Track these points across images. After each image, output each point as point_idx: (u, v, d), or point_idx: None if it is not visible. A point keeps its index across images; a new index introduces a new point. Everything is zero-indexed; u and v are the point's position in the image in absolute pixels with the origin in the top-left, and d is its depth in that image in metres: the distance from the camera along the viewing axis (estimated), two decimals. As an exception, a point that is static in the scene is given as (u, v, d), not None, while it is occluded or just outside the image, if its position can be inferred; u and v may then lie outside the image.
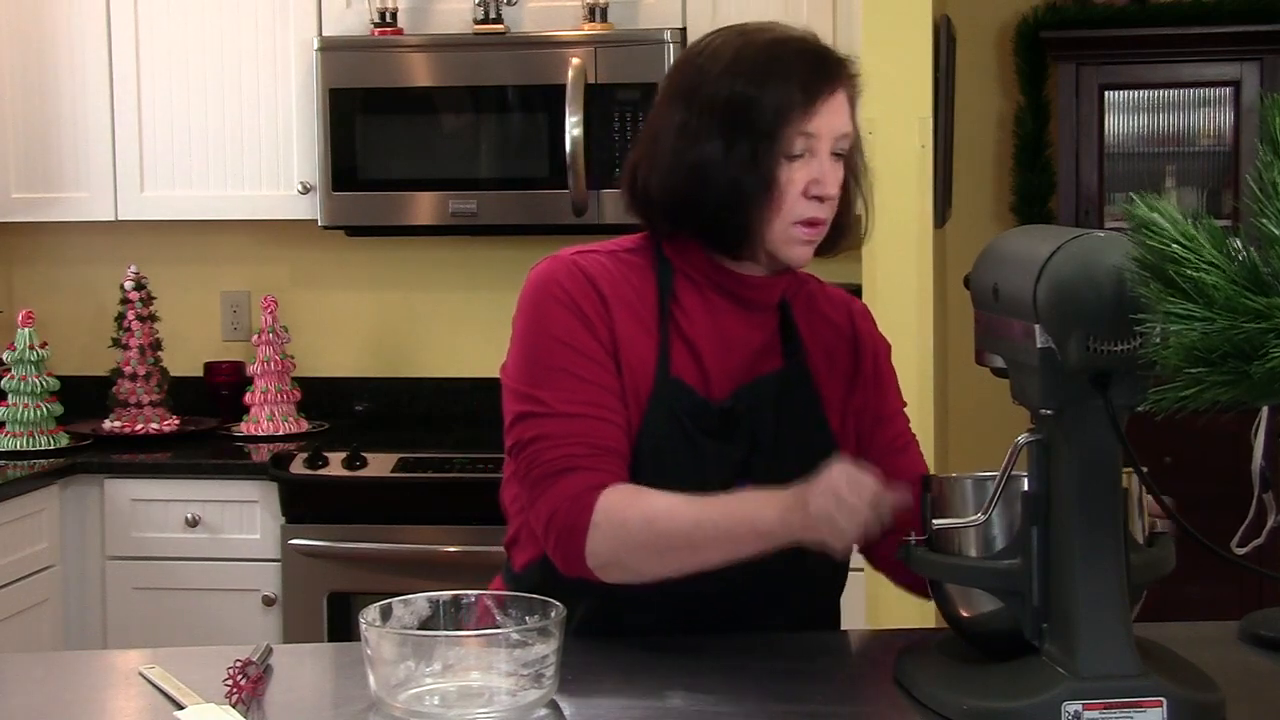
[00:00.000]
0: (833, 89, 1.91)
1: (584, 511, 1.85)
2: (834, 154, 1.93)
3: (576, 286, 1.94)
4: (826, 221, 1.94)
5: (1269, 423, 1.94)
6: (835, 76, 1.92)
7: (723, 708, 1.72)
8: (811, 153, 1.91)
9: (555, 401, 1.90)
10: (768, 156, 1.89)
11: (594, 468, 1.87)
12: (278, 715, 1.76)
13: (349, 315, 4.33)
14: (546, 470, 1.88)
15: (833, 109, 1.91)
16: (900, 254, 3.38)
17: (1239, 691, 1.71)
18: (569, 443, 1.88)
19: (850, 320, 2.09)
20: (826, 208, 1.93)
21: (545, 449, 1.89)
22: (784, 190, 1.90)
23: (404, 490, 3.66)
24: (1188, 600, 3.72)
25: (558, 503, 1.86)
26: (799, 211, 1.91)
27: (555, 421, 1.89)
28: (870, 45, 3.44)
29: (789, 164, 1.90)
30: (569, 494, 1.86)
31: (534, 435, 1.90)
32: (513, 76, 3.83)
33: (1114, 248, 1.54)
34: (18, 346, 3.87)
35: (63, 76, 4.04)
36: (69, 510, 3.77)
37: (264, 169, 4.00)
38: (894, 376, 2.11)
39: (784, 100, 1.89)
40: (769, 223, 1.92)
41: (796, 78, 1.90)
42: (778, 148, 1.89)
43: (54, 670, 2.05)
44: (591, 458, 1.88)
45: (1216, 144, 4.63)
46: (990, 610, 1.70)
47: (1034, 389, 1.62)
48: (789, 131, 1.89)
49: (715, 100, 1.91)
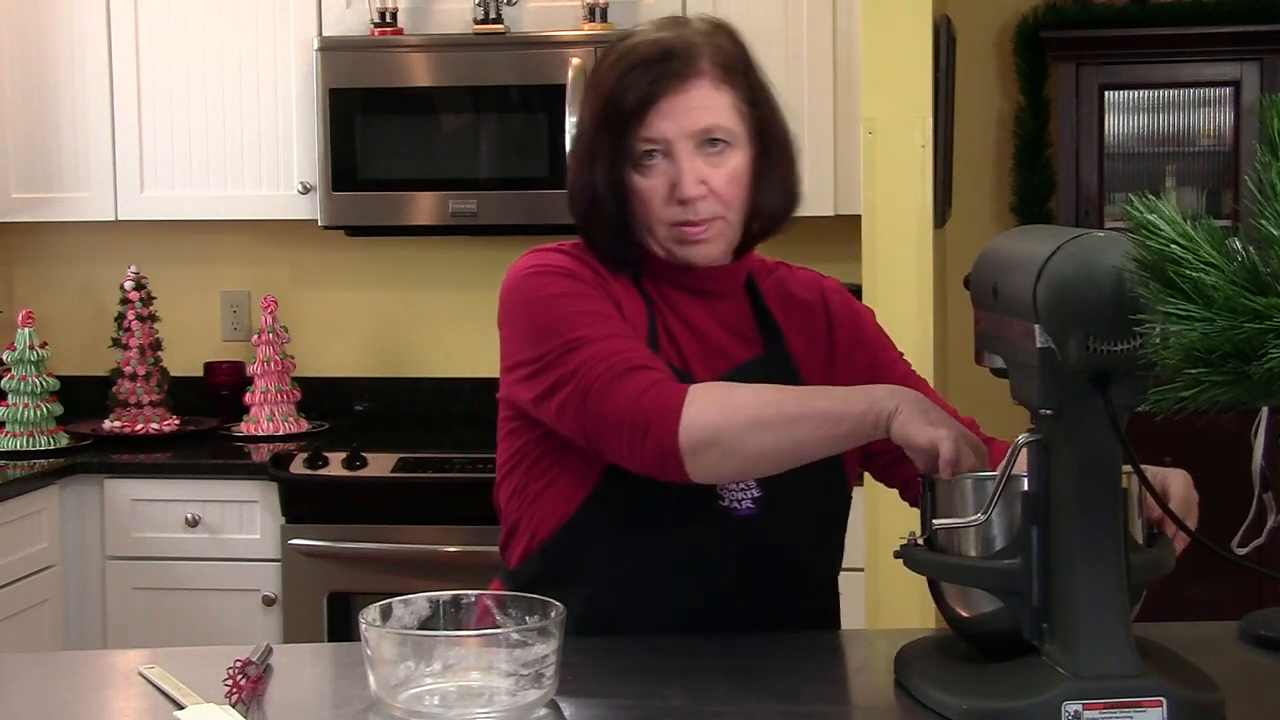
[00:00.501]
0: (676, 87, 1.90)
1: (675, 390, 1.77)
2: (707, 143, 1.91)
3: (568, 265, 1.95)
4: (714, 219, 1.93)
5: (1269, 423, 1.94)
6: (677, 75, 1.90)
7: (723, 708, 1.72)
8: (666, 154, 1.90)
9: (586, 333, 1.84)
10: (618, 171, 1.91)
11: (648, 366, 1.81)
12: (278, 715, 1.76)
13: (349, 315, 4.33)
14: (610, 374, 1.80)
15: (679, 108, 1.90)
16: (900, 254, 3.38)
17: (1239, 691, 1.71)
18: (614, 355, 1.82)
19: (823, 297, 2.07)
20: (703, 207, 1.91)
21: (596, 363, 1.81)
22: (646, 196, 1.91)
23: (404, 490, 3.66)
24: (1188, 600, 3.72)
25: (639, 390, 1.78)
26: (670, 215, 1.92)
27: (593, 346, 1.83)
28: (870, 45, 3.44)
29: (646, 170, 1.91)
30: (646, 383, 1.79)
31: (575, 365, 1.83)
32: (513, 76, 3.83)
33: (1114, 248, 1.54)
34: (18, 346, 3.87)
35: (63, 76, 4.04)
36: (69, 510, 3.77)
37: (264, 169, 4.00)
38: (884, 335, 2.10)
39: (623, 108, 1.90)
40: (649, 230, 1.93)
41: (634, 84, 1.90)
42: (627, 159, 1.91)
43: (54, 670, 2.05)
44: (643, 359, 1.82)
45: (1216, 144, 4.63)
46: (990, 610, 1.70)
47: (1034, 389, 1.62)
48: (631, 140, 1.90)
49: (587, 116, 1.96)
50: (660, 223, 1.92)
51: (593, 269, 1.95)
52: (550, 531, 1.96)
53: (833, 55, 3.76)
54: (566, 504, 1.95)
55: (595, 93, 1.95)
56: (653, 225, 1.93)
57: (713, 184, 1.91)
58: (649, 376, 1.80)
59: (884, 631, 2.64)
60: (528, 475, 1.98)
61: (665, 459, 1.78)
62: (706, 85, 1.92)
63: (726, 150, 1.92)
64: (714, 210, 1.93)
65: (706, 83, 1.92)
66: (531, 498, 1.97)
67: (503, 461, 2.02)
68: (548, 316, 1.88)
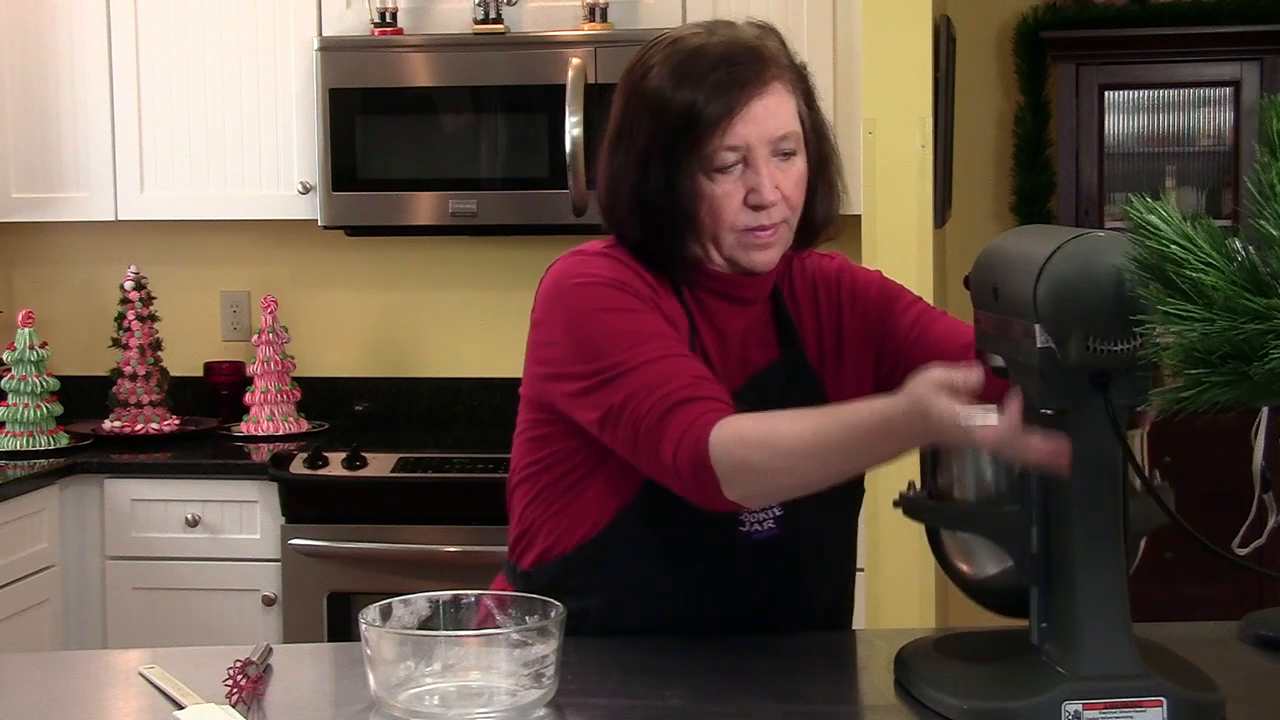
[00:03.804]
0: (758, 93, 1.87)
1: (701, 452, 1.76)
2: (779, 154, 1.90)
3: (619, 275, 1.91)
4: (781, 223, 1.91)
5: (1269, 423, 1.94)
6: (757, 80, 1.87)
7: (723, 707, 1.72)
8: (746, 162, 1.88)
9: (629, 358, 1.83)
10: (686, 177, 1.87)
11: (693, 397, 1.79)
12: (278, 715, 1.76)
13: (349, 315, 4.33)
14: (651, 420, 1.79)
15: (760, 114, 1.87)
16: (900, 254, 3.38)
17: (1239, 691, 1.71)
18: (661, 385, 1.80)
19: (837, 284, 2.05)
20: (775, 212, 1.90)
21: (640, 402, 1.80)
22: (721, 204, 1.88)
23: (404, 490, 3.66)
24: (1188, 600, 3.73)
25: (674, 448, 1.77)
26: (742, 221, 1.89)
27: (636, 374, 1.81)
28: (870, 45, 3.44)
29: (722, 176, 1.87)
30: (677, 435, 1.77)
31: (623, 398, 1.81)
32: (513, 76, 3.83)
33: (1114, 248, 1.54)
34: (18, 346, 3.87)
35: (63, 76, 4.04)
36: (69, 510, 3.77)
37: (264, 169, 4.00)
38: (891, 291, 2.06)
39: (702, 115, 1.85)
40: (714, 237, 1.90)
41: (714, 90, 1.86)
42: (699, 166, 1.87)
43: (54, 670, 2.05)
44: (688, 389, 1.80)
45: (1216, 144, 4.63)
46: (991, 561, 1.70)
47: (1034, 389, 1.62)
48: (712, 147, 1.86)
49: (636, 121, 1.90)
50: (730, 229, 1.89)
51: (641, 277, 1.91)
52: (574, 544, 1.95)
53: (833, 55, 3.76)
54: (591, 520, 1.93)
55: (646, 98, 1.89)
56: (721, 232, 1.90)
57: (784, 189, 1.90)
58: (684, 419, 1.78)
59: (884, 631, 2.64)
60: (552, 484, 1.96)
61: (727, 507, 1.79)
62: (781, 90, 1.90)
63: (794, 155, 1.91)
64: (783, 215, 1.91)
65: (780, 87, 1.90)
66: (554, 507, 1.96)
67: (523, 464, 2.00)
68: (598, 332, 1.86)
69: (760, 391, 1.95)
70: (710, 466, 1.74)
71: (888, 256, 3.35)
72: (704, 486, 1.76)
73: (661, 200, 1.88)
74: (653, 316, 1.87)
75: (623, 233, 1.95)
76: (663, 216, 1.89)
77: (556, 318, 1.91)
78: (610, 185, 1.94)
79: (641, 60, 1.93)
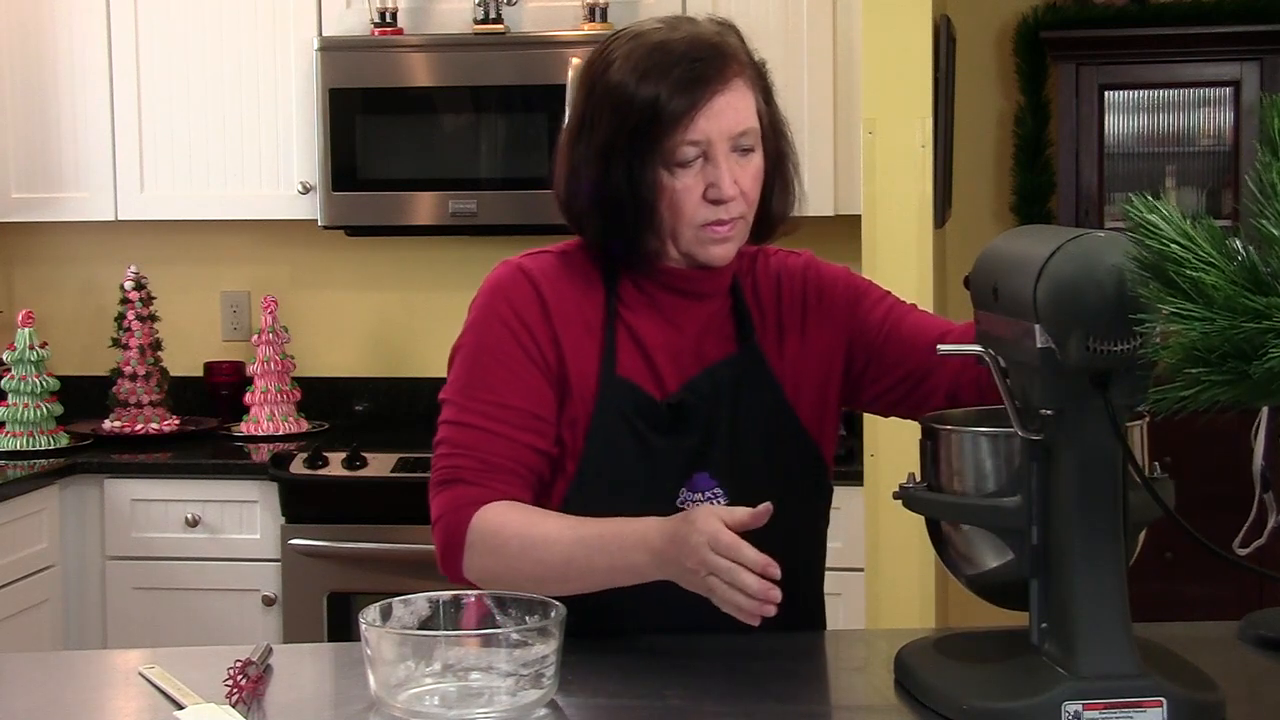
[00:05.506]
0: (720, 89, 1.88)
1: (459, 528, 1.88)
2: (738, 150, 1.90)
3: (520, 297, 1.96)
4: (739, 218, 1.93)
5: (1269, 423, 1.94)
6: (720, 76, 1.88)
7: (722, 707, 1.72)
8: (706, 157, 1.89)
9: (462, 410, 1.94)
10: (648, 171, 1.89)
11: (477, 482, 1.90)
12: (278, 715, 1.76)
13: (349, 315, 4.33)
14: (437, 477, 1.93)
15: (722, 110, 1.88)
16: (900, 254, 3.38)
17: (1239, 691, 1.71)
18: (460, 454, 1.91)
19: (802, 279, 2.05)
20: (734, 207, 1.91)
21: (441, 455, 1.94)
22: (681, 198, 1.89)
23: (404, 490, 3.65)
24: (1188, 600, 3.73)
25: (439, 514, 1.91)
26: (701, 216, 1.90)
27: (455, 430, 1.94)
28: (870, 45, 3.44)
29: (683, 171, 1.89)
30: (448, 507, 1.90)
31: (440, 439, 1.95)
32: (513, 76, 3.83)
33: (1114, 248, 1.54)
34: (18, 346, 3.87)
35: (62, 76, 4.05)
36: (69, 510, 3.77)
37: (264, 169, 4.00)
38: (859, 287, 2.07)
39: (665, 110, 1.87)
40: (673, 232, 1.92)
41: (678, 85, 1.87)
42: (660, 160, 1.88)
43: (54, 670, 2.05)
44: (477, 472, 1.90)
45: (1216, 144, 4.62)
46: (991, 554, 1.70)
47: (1034, 389, 1.62)
48: (674, 142, 1.87)
49: (598, 114, 1.91)
50: (690, 224, 1.91)
51: (545, 304, 1.95)
52: None
53: (833, 55, 3.76)
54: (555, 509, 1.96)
55: (609, 91, 1.90)
56: (680, 226, 1.91)
57: (742, 184, 1.91)
58: (458, 497, 1.89)
59: (884, 631, 2.64)
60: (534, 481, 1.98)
61: (462, 583, 1.90)
62: (742, 86, 1.91)
63: (752, 151, 1.93)
64: (741, 210, 1.92)
65: (741, 84, 1.91)
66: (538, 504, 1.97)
67: None
68: (464, 363, 2.00)
69: (714, 384, 1.96)
70: (461, 546, 1.88)
71: (888, 256, 3.35)
72: (447, 560, 1.90)
73: (623, 194, 1.90)
74: (520, 382, 1.94)
75: (581, 226, 1.97)
76: (623, 210, 1.91)
77: (466, 329, 2.04)
78: (570, 178, 1.96)
79: (603, 54, 1.94)
